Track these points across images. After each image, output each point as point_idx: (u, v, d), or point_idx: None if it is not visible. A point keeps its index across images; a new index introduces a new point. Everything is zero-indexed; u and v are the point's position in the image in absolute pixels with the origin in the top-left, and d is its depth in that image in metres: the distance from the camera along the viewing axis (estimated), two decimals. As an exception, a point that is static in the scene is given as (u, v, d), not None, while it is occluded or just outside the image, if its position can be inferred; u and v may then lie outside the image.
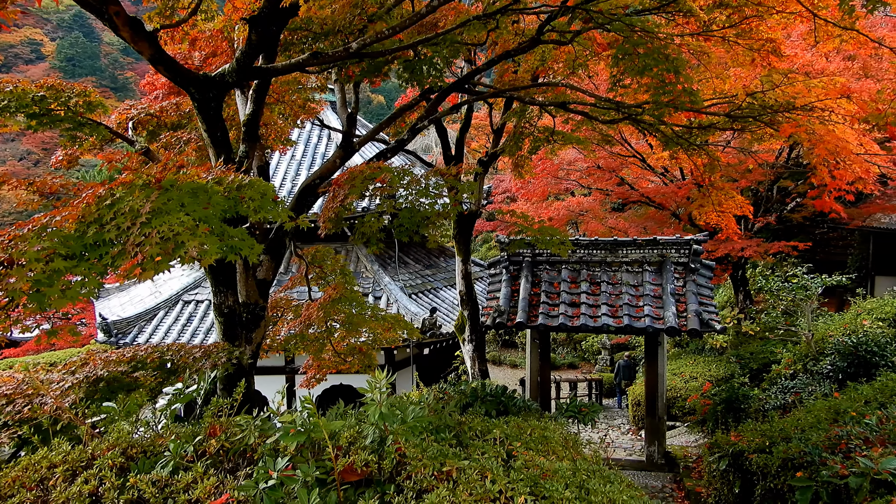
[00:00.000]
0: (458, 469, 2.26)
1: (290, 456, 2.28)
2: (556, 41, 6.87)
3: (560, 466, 2.60)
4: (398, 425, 2.41)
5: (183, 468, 2.33)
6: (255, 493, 2.05)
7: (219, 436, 2.52)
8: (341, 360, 8.81)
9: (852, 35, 6.57)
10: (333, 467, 2.13)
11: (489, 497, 2.11)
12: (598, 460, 3.23)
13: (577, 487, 2.43)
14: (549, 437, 3.13)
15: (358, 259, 17.45)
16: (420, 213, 4.88)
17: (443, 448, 2.41)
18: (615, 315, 9.69)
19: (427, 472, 2.24)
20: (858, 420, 5.48)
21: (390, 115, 7.16)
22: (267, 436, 2.49)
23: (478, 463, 2.36)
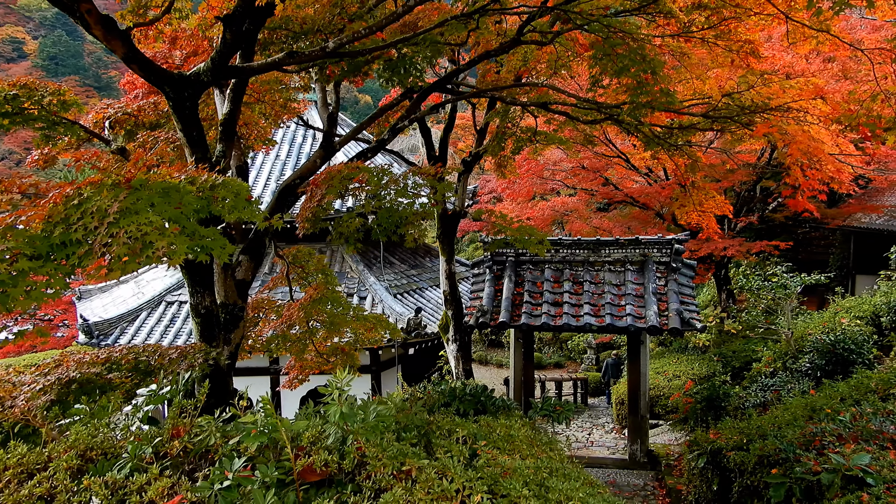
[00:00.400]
0: (418, 468, 2.26)
1: (249, 457, 2.26)
2: (537, 42, 6.89)
3: (522, 465, 2.61)
4: (359, 425, 2.40)
5: (140, 470, 2.31)
6: (209, 494, 2.04)
7: (182, 437, 2.50)
8: (324, 361, 8.77)
9: (828, 37, 6.65)
10: (293, 468, 2.13)
11: (446, 495, 2.11)
12: (563, 458, 3.24)
13: (538, 485, 2.44)
14: (514, 437, 3.14)
15: (343, 259, 17.41)
16: (398, 212, 4.88)
17: (403, 447, 2.41)
18: (597, 314, 9.74)
19: (386, 472, 2.24)
20: (833, 417, 5.55)
21: (371, 115, 7.15)
22: (229, 437, 2.48)
23: (439, 462, 2.37)
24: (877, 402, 5.74)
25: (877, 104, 5.37)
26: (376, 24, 4.59)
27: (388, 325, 8.16)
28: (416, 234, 5.13)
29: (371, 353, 15.16)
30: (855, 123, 5.29)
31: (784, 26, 7.36)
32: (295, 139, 18.79)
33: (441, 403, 4.94)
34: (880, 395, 6.02)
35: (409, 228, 5.00)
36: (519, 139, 9.60)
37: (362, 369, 15.19)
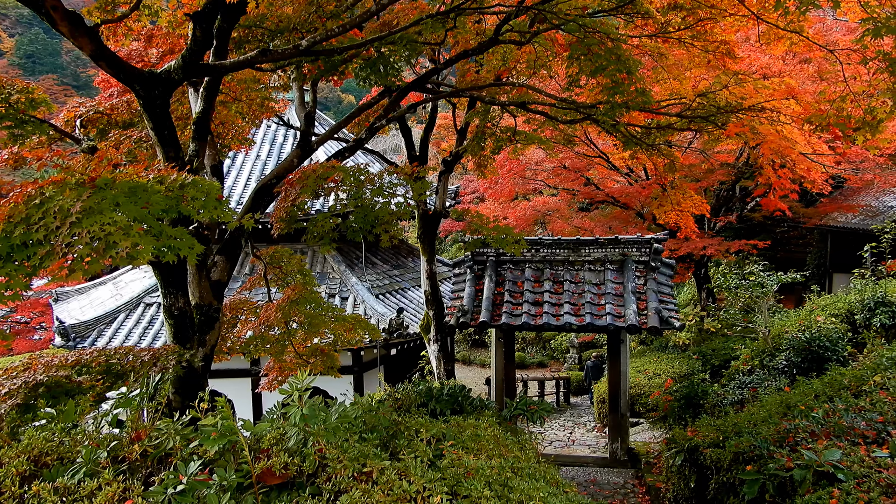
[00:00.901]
0: (379, 469, 2.23)
1: (208, 460, 2.22)
2: (515, 41, 6.90)
3: (486, 465, 2.59)
4: (320, 427, 2.37)
5: (94, 475, 2.25)
6: (162, 499, 2.00)
7: (143, 440, 2.45)
8: (303, 362, 8.71)
9: (801, 38, 6.73)
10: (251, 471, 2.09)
11: (406, 497, 2.09)
12: (531, 458, 3.23)
13: (501, 485, 2.42)
14: (481, 436, 3.12)
15: (325, 260, 17.32)
16: (374, 212, 4.84)
17: (365, 448, 2.38)
18: (577, 314, 9.78)
19: (347, 474, 2.21)
20: (807, 414, 5.61)
21: (349, 114, 7.11)
22: (190, 440, 2.43)
23: (402, 463, 2.35)
24: (849, 399, 5.82)
25: (847, 104, 5.45)
26: (350, 21, 4.55)
27: (367, 326, 8.12)
28: (392, 233, 5.09)
29: (353, 353, 15.10)
30: (825, 123, 5.36)
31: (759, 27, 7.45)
32: (276, 139, 18.66)
33: (418, 404, 4.92)
34: (853, 391, 6.10)
35: (384, 228, 4.97)
36: (499, 139, 9.60)
37: (344, 370, 15.07)
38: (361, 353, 15.26)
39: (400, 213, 4.93)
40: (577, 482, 9.45)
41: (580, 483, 9.40)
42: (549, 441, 12.27)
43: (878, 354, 7.01)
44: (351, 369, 15.35)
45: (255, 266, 16.52)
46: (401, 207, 4.95)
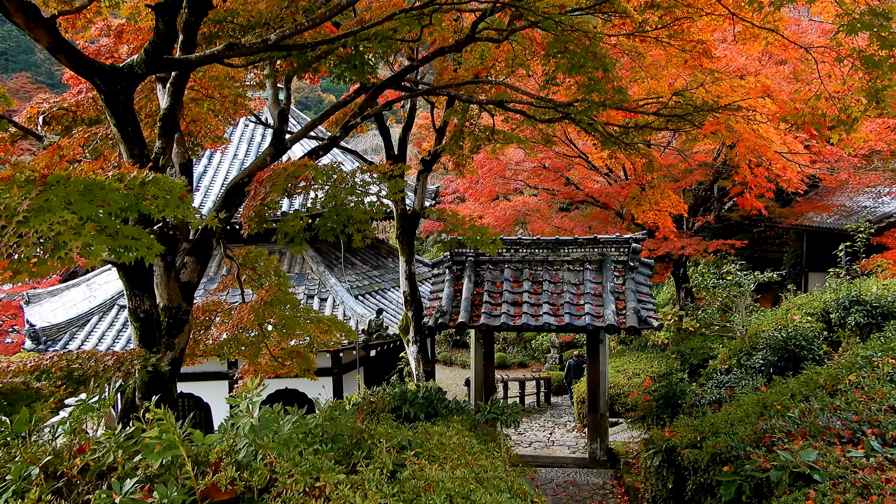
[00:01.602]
0: (333, 484, 2.12)
1: (151, 475, 2.09)
2: (493, 39, 6.83)
3: (448, 477, 2.48)
4: (270, 438, 2.25)
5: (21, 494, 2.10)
6: (94, 521, 1.88)
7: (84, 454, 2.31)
8: (279, 365, 8.58)
9: (776, 37, 6.74)
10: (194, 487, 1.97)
11: (360, 513, 1.99)
12: (497, 467, 3.14)
13: (463, 498, 2.32)
14: (446, 444, 3.01)
15: (303, 260, 17.14)
16: (346, 211, 4.73)
17: (318, 461, 2.26)
18: (556, 314, 9.73)
19: (298, 489, 2.09)
20: (783, 414, 5.60)
21: (324, 112, 6.98)
22: (131, 453, 2.30)
23: (359, 476, 2.24)
24: (825, 398, 5.83)
25: (822, 102, 5.45)
26: (319, 16, 4.44)
27: (343, 328, 7.99)
28: (366, 233, 4.98)
29: (332, 355, 14.94)
30: (801, 122, 5.35)
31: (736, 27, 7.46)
32: (254, 138, 18.41)
33: (392, 407, 4.81)
34: (828, 390, 6.12)
35: (357, 228, 4.86)
36: (477, 138, 9.53)
37: (324, 372, 14.96)
38: (341, 355, 15.09)
39: (373, 212, 4.82)
40: (556, 483, 9.41)
41: (559, 484, 9.36)
42: (529, 442, 12.22)
43: (853, 353, 7.04)
44: (330, 371, 15.18)
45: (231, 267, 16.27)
46: (374, 207, 4.84)
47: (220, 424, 2.70)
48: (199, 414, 15.54)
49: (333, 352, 14.59)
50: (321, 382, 15.13)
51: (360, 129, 12.67)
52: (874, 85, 4.70)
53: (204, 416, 15.46)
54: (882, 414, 4.90)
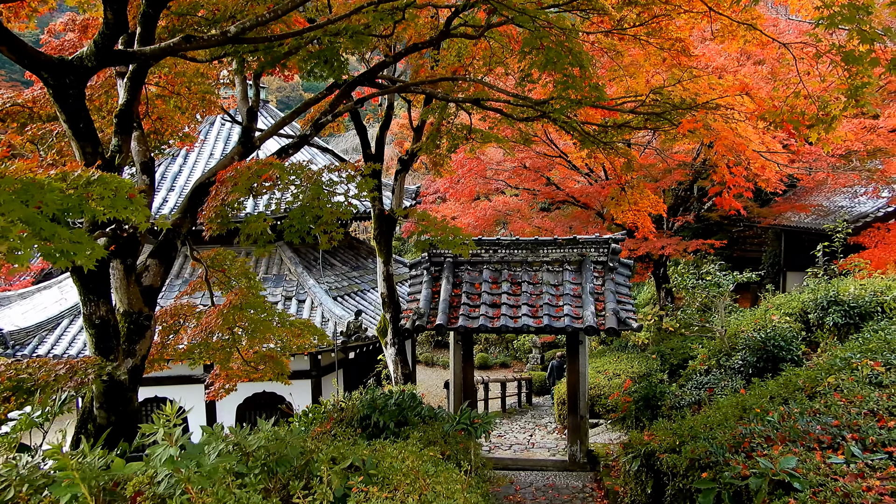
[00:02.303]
0: None
1: None
2: (468, 35, 6.67)
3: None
4: (192, 470, 2.05)
5: None
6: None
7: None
8: (252, 369, 8.35)
9: (755, 35, 6.66)
10: None
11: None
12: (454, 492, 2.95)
13: None
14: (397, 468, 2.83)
15: (281, 262, 16.89)
16: (312, 211, 4.53)
17: (246, 495, 2.07)
18: (535, 315, 9.60)
19: None
20: (762, 417, 5.51)
21: (295, 109, 6.77)
22: (37, 486, 2.08)
23: (294, 510, 2.07)
24: (804, 401, 5.75)
25: (800, 100, 5.37)
26: (281, 6, 4.24)
27: (316, 331, 7.78)
28: (332, 234, 4.79)
29: (311, 357, 14.70)
30: (779, 120, 5.27)
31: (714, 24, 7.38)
32: (230, 137, 18.10)
33: (361, 416, 4.62)
34: (807, 392, 6.04)
35: (324, 229, 4.67)
36: (454, 137, 9.37)
37: (302, 374, 14.71)
38: (319, 357, 14.85)
39: (341, 212, 4.63)
40: (535, 487, 9.27)
41: (538, 488, 9.22)
42: (509, 444, 12.08)
43: (832, 355, 6.99)
44: (309, 374, 14.93)
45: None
46: (342, 207, 4.65)
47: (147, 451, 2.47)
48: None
49: (312, 354, 14.37)
50: (300, 385, 14.90)
51: (338, 128, 12.45)
52: (853, 82, 4.62)
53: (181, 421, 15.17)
54: (862, 418, 4.82)
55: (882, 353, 6.13)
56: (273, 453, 2.59)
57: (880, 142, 13.83)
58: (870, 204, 17.63)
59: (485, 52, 9.04)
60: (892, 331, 6.92)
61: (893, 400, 5.00)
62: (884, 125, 14.11)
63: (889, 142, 14.05)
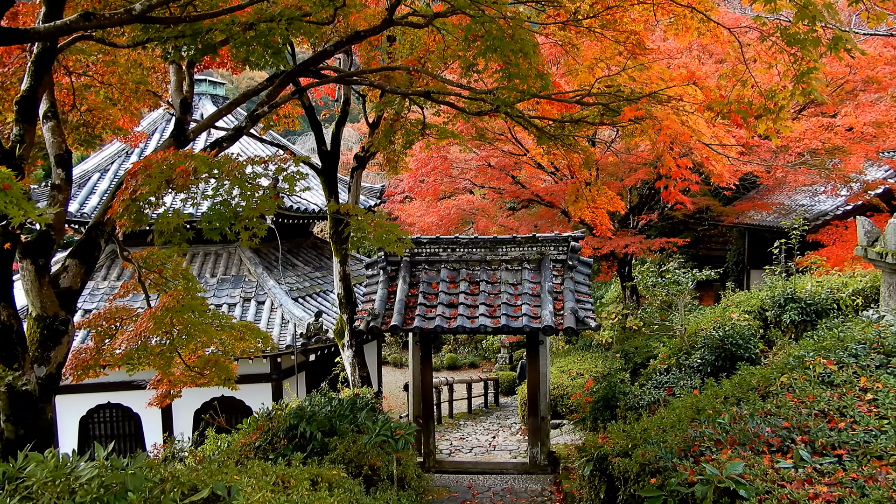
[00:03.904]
0: None
1: None
2: (413, 24, 6.40)
3: None
4: None
5: None
6: None
7: None
8: (196, 374, 7.97)
9: (709, 27, 6.52)
10: None
11: None
12: None
13: None
14: None
15: (241, 262, 16.43)
16: (231, 207, 4.21)
17: None
18: (493, 315, 9.37)
19: None
20: (714, 419, 5.34)
21: (232, 101, 6.41)
22: None
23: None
24: (757, 401, 5.60)
25: (747, 90, 5.22)
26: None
27: (259, 334, 7.41)
28: (254, 231, 4.46)
29: (271, 360, 14.30)
30: (726, 110, 5.12)
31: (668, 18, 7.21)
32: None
33: (288, 426, 4.32)
34: (761, 392, 5.91)
35: (245, 225, 4.34)
36: (409, 132, 9.07)
37: (262, 378, 14.30)
38: (279, 360, 14.43)
39: (264, 208, 4.32)
40: (493, 491, 9.04)
41: (496, 492, 9.00)
42: (471, 447, 11.85)
43: (786, 353, 6.89)
44: (269, 377, 14.53)
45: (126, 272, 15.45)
46: (265, 202, 4.33)
47: None
48: (128, 425, 14.69)
49: (272, 357, 13.98)
50: (260, 388, 14.49)
51: (293, 123, 12.05)
52: (799, 67, 4.47)
53: (133, 427, 14.61)
54: (812, 419, 4.67)
55: (835, 351, 6.02)
56: (109, 486, 2.25)
57: (838, 140, 13.93)
58: (829, 202, 17.83)
59: (439, 44, 8.77)
60: (846, 328, 6.86)
61: (844, 400, 4.87)
62: (841, 123, 14.22)
63: (846, 140, 14.17)
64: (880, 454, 3.94)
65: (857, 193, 16.07)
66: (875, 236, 8.08)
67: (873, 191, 15.74)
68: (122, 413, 14.66)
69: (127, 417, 14.74)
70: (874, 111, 14.37)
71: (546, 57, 13.48)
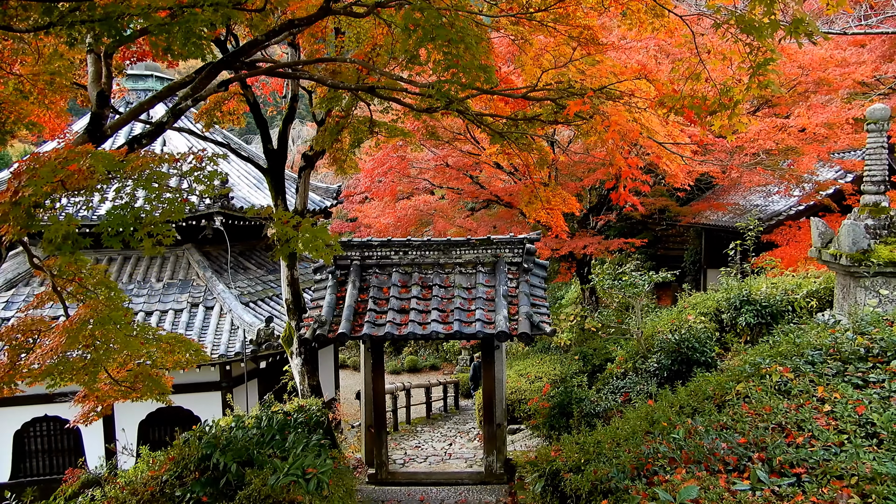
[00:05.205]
0: None
1: None
2: (353, 13, 5.99)
3: None
4: None
5: None
6: None
7: None
8: (126, 389, 7.41)
9: (663, 22, 6.28)
10: None
11: None
12: None
13: None
14: None
15: (189, 265, 15.73)
16: (134, 210, 3.75)
17: None
18: (445, 321, 9.01)
19: None
20: (669, 432, 5.07)
21: (153, 95, 5.88)
22: None
23: None
24: (713, 412, 5.37)
25: (700, 84, 4.99)
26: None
27: (190, 347, 6.88)
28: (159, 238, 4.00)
29: (220, 368, 13.67)
30: (679, 106, 4.88)
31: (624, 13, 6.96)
32: (132, 131, 16.68)
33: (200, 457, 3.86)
34: (717, 401, 5.69)
35: (148, 231, 3.88)
36: (357, 130, 8.64)
37: (211, 386, 13.68)
38: (228, 368, 13.81)
39: (172, 211, 3.86)
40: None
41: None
42: (426, 456, 11.47)
43: (742, 360, 6.70)
44: (219, 385, 13.89)
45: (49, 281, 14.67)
46: (173, 205, 3.88)
47: None
48: (67, 439, 13.90)
49: (221, 364, 13.36)
50: (209, 398, 13.88)
51: (238, 121, 11.50)
52: (756, 58, 4.23)
53: (73, 441, 13.83)
54: (769, 434, 4.43)
55: (791, 357, 5.84)
56: None
57: (791, 141, 14.02)
58: (782, 203, 18.04)
59: (387, 38, 8.37)
60: (802, 333, 6.72)
61: (802, 412, 4.65)
62: (794, 124, 14.32)
63: (799, 141, 14.28)
64: (840, 473, 3.71)
65: (810, 194, 16.27)
66: (829, 238, 8.00)
67: (825, 191, 15.96)
68: (61, 426, 13.86)
69: (66, 431, 13.96)
70: (826, 112, 14.53)
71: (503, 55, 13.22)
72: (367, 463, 10.11)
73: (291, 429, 4.80)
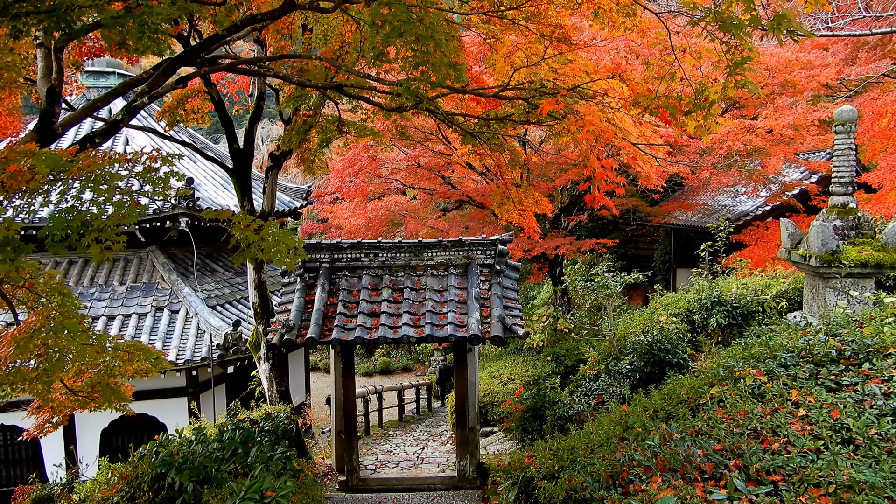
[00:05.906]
0: None
1: None
2: (318, 8, 5.79)
3: None
4: None
5: None
6: None
7: None
8: (83, 399, 7.09)
9: (635, 21, 6.21)
10: None
11: None
12: None
13: None
14: None
15: (153, 268, 15.28)
16: (80, 213, 3.51)
17: None
18: (417, 324, 8.84)
19: None
20: (643, 438, 4.99)
21: (108, 92, 5.61)
22: None
23: None
24: (687, 417, 5.31)
25: (675, 83, 4.92)
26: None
27: (150, 355, 6.59)
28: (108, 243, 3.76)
29: (187, 373, 13.29)
30: (654, 105, 4.80)
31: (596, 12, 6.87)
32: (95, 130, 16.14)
33: (154, 476, 3.64)
34: (691, 405, 5.63)
35: (97, 237, 3.64)
36: (325, 130, 8.42)
37: (177, 392, 13.31)
38: (195, 373, 13.44)
39: (123, 214, 3.63)
40: (417, 512, 8.53)
41: (421, 513, 8.48)
42: (398, 461, 11.27)
43: (715, 362, 6.68)
44: (185, 391, 13.51)
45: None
46: (123, 208, 3.65)
47: None
48: (24, 449, 13.39)
49: (187, 370, 12.99)
50: (175, 404, 13.51)
51: (203, 120, 11.15)
52: (732, 57, 4.17)
53: (31, 450, 13.32)
54: (745, 440, 4.37)
55: (764, 360, 5.82)
56: None
57: (759, 142, 14.19)
58: (750, 203, 18.29)
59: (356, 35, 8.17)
60: (774, 335, 6.72)
61: (777, 417, 4.61)
62: (762, 126, 14.50)
63: (766, 142, 14.46)
64: (817, 481, 3.66)
65: (776, 194, 16.52)
66: (798, 238, 8.04)
67: (791, 192, 16.21)
68: (17, 436, 13.34)
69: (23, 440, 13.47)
70: (792, 114, 14.75)
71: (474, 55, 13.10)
72: (338, 469, 9.89)
73: (256, 441, 4.59)
